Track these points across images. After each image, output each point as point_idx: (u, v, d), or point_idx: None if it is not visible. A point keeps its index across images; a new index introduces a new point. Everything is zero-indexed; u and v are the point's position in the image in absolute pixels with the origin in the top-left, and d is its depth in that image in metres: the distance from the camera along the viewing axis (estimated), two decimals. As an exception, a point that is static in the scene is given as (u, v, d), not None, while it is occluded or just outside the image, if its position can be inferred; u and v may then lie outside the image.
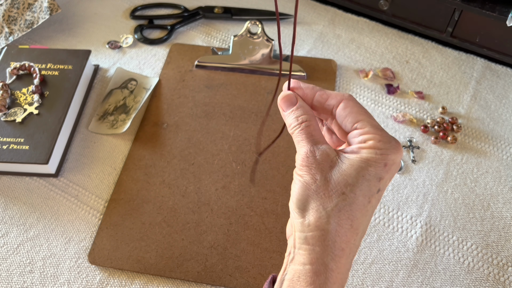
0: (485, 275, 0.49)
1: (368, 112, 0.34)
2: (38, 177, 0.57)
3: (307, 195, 0.33)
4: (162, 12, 0.74)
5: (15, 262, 0.51)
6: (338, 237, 0.32)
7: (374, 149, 0.32)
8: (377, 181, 0.32)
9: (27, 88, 0.61)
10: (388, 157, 0.32)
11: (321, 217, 0.32)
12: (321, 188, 0.32)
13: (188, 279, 0.49)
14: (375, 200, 0.33)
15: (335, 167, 0.33)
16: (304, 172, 0.33)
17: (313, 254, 0.32)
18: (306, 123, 0.34)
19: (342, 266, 0.32)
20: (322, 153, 0.33)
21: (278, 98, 0.36)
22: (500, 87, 0.64)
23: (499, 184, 0.55)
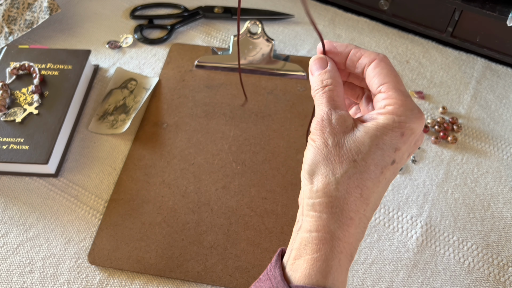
0: (486, 275, 0.49)
1: (397, 76, 0.32)
2: (38, 177, 0.57)
3: (317, 160, 0.32)
4: (162, 12, 0.74)
5: (15, 262, 0.51)
6: (347, 205, 0.31)
7: (392, 115, 0.31)
8: (392, 151, 0.31)
9: (27, 88, 0.61)
10: (406, 126, 0.31)
11: (330, 183, 0.31)
12: (332, 154, 0.31)
13: (188, 279, 0.49)
14: (388, 172, 0.32)
15: (349, 133, 0.31)
16: (317, 136, 0.32)
17: (320, 221, 0.31)
18: (330, 87, 0.33)
19: (350, 236, 0.31)
20: (339, 117, 0.32)
21: (311, 60, 0.35)
22: (501, 87, 0.64)
23: (499, 184, 0.55)
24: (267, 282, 0.32)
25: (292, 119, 0.60)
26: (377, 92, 0.33)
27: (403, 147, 0.31)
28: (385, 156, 0.31)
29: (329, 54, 0.35)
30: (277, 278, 0.32)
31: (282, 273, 0.32)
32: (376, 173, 0.31)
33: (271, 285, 0.32)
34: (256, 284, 0.34)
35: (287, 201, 0.54)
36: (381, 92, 0.32)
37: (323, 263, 0.30)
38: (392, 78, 0.32)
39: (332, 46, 0.35)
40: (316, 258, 0.31)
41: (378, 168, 0.31)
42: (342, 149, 0.31)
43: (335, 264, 0.31)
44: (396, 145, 0.31)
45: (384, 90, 0.32)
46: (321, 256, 0.30)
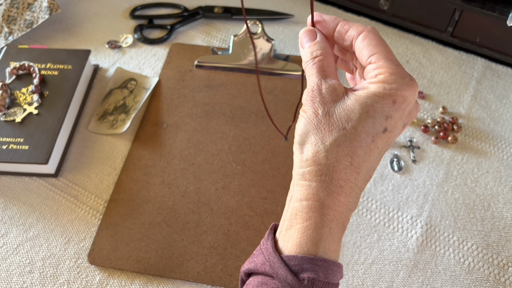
0: (486, 275, 0.49)
1: (386, 46, 0.32)
2: (38, 177, 0.57)
3: (308, 130, 0.32)
4: (162, 11, 0.74)
5: (15, 262, 0.51)
6: (336, 173, 0.31)
7: (383, 83, 0.30)
8: (383, 119, 0.31)
9: (27, 88, 0.61)
10: (397, 93, 0.30)
11: (319, 151, 0.31)
12: (322, 123, 0.31)
13: (188, 279, 0.49)
14: (380, 141, 0.31)
15: (339, 102, 0.31)
16: (308, 106, 0.32)
17: (309, 190, 0.31)
18: (320, 58, 0.33)
19: (340, 204, 0.31)
20: (329, 87, 0.32)
21: (300, 32, 0.35)
22: (501, 87, 0.64)
23: (499, 184, 0.55)
24: (260, 256, 0.32)
25: (292, 119, 0.60)
26: (367, 64, 0.32)
27: (395, 115, 0.31)
28: (376, 124, 0.31)
29: (317, 26, 0.35)
30: (268, 250, 0.32)
31: (274, 245, 0.32)
32: (367, 141, 0.31)
33: (263, 258, 0.32)
34: (249, 260, 0.34)
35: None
36: (371, 62, 0.32)
37: (313, 231, 0.30)
38: (381, 48, 0.32)
39: (321, 18, 0.35)
40: (306, 226, 0.31)
41: (369, 136, 0.31)
42: (332, 117, 0.31)
43: (326, 232, 0.31)
44: (387, 113, 0.31)
45: (374, 60, 0.32)
46: (311, 224, 0.31)
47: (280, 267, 0.30)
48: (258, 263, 0.32)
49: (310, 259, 0.30)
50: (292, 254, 0.31)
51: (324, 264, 0.30)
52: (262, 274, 0.32)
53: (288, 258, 0.30)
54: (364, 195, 0.55)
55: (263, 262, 0.32)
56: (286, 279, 0.30)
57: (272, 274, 0.31)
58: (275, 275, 0.30)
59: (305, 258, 0.30)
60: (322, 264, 0.30)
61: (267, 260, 0.31)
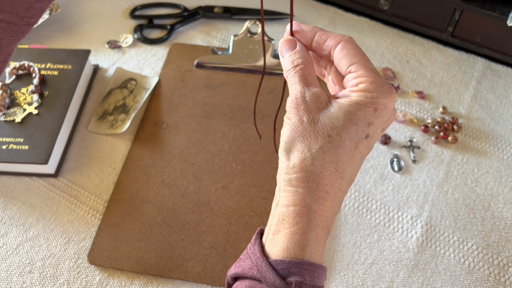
0: (486, 276, 0.49)
1: (364, 55, 0.33)
2: (38, 177, 0.57)
3: (293, 137, 0.32)
4: (162, 11, 0.74)
5: (15, 262, 0.51)
6: (322, 179, 0.32)
7: (364, 92, 0.32)
8: (365, 126, 0.32)
9: (27, 88, 0.61)
10: (378, 101, 0.32)
11: (306, 158, 0.32)
12: (307, 130, 0.32)
13: (188, 280, 0.49)
14: (363, 146, 0.33)
15: (324, 110, 0.32)
16: (292, 114, 0.33)
17: (297, 196, 0.32)
18: (301, 66, 0.34)
19: (326, 209, 0.32)
20: (313, 95, 0.33)
21: (279, 42, 0.36)
22: (501, 87, 0.64)
23: (499, 184, 0.55)
24: (247, 261, 0.33)
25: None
26: (347, 73, 0.33)
27: (376, 121, 0.32)
28: (359, 131, 0.32)
29: (296, 35, 0.36)
30: (256, 254, 0.32)
31: (262, 249, 0.33)
32: (350, 148, 0.32)
33: (251, 263, 0.33)
34: (236, 264, 0.34)
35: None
36: (351, 72, 0.33)
37: (300, 236, 0.31)
38: (360, 57, 0.33)
39: (299, 28, 0.36)
40: (293, 231, 0.31)
41: (353, 142, 0.32)
42: (317, 125, 0.32)
43: (312, 236, 0.32)
44: (369, 120, 0.32)
45: (354, 69, 0.33)
46: (298, 229, 0.31)
47: (268, 271, 0.31)
48: (246, 268, 0.33)
49: (297, 263, 0.31)
50: (279, 258, 0.31)
51: (311, 267, 0.31)
52: (250, 279, 0.33)
53: (276, 262, 0.31)
54: (364, 195, 0.55)
55: (250, 267, 0.32)
56: (274, 283, 0.30)
57: (260, 278, 0.31)
58: (263, 279, 0.31)
59: (292, 262, 0.31)
60: (309, 268, 0.31)
61: (255, 264, 0.32)
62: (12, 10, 0.32)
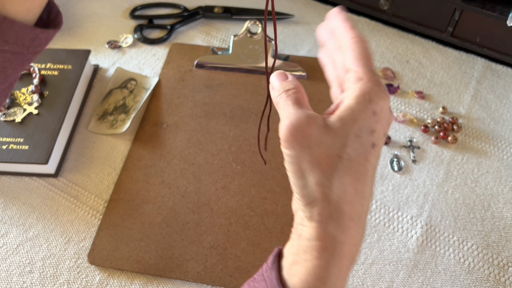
0: (486, 276, 0.49)
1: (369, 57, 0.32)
2: (38, 177, 0.57)
3: (303, 170, 0.30)
4: (162, 11, 0.74)
5: (15, 262, 0.51)
6: (346, 204, 0.29)
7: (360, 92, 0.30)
8: (369, 134, 0.30)
9: (27, 88, 0.61)
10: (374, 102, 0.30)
11: (325, 188, 0.29)
12: (315, 157, 0.29)
13: (188, 280, 0.49)
14: (372, 157, 0.31)
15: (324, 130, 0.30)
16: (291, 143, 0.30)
17: (320, 229, 0.30)
18: (294, 90, 0.32)
19: (352, 237, 0.30)
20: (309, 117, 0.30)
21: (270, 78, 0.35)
22: (501, 87, 0.64)
23: (499, 184, 0.55)
24: (262, 283, 0.31)
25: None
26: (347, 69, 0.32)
27: (378, 127, 0.31)
28: (365, 142, 0.30)
29: None
30: (272, 281, 0.31)
31: (279, 276, 0.31)
32: (361, 162, 0.30)
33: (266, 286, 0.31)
34: (250, 284, 0.33)
35: (287, 201, 0.54)
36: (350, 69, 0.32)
37: (322, 271, 0.29)
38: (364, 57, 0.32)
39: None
40: (315, 265, 0.30)
41: (362, 156, 0.30)
42: (322, 147, 0.29)
43: (335, 270, 0.30)
44: (371, 127, 0.30)
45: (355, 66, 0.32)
46: (321, 264, 0.29)
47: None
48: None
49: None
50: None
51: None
52: None
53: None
54: (364, 195, 0.55)
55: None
56: None
57: None
58: None
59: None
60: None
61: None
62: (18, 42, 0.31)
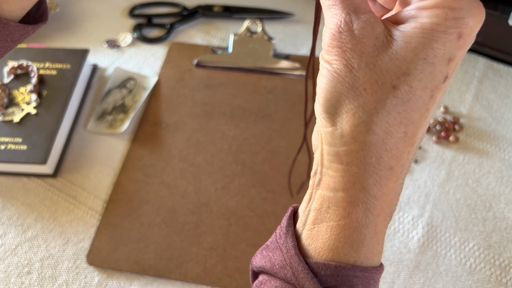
0: (487, 276, 0.49)
1: None
2: (36, 177, 0.57)
3: (339, 92, 0.23)
4: (161, 10, 0.74)
5: (13, 263, 0.51)
6: (386, 151, 0.23)
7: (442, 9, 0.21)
8: (445, 63, 0.22)
9: (25, 88, 0.61)
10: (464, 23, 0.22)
11: (361, 124, 0.23)
12: (360, 81, 0.22)
13: (188, 281, 0.49)
14: (439, 93, 0.23)
15: (383, 48, 0.22)
16: (335, 56, 0.23)
17: (348, 177, 0.23)
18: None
19: (389, 192, 0.24)
20: (364, 25, 0.22)
21: None
22: (502, 86, 0.63)
23: (501, 184, 0.55)
24: (277, 253, 0.25)
25: (292, 119, 0.59)
26: None
27: (459, 54, 0.22)
28: (437, 73, 0.22)
29: None
30: (290, 251, 0.24)
31: (296, 244, 0.25)
32: (424, 99, 0.23)
33: (282, 259, 0.25)
34: (263, 253, 0.27)
35: (288, 201, 0.53)
36: None
37: (353, 232, 0.23)
38: None
39: None
40: (343, 225, 0.23)
41: (427, 91, 0.22)
42: (375, 72, 0.22)
43: (370, 232, 0.24)
44: (450, 54, 0.22)
45: None
46: (350, 223, 0.23)
47: (307, 278, 0.23)
48: (276, 264, 0.25)
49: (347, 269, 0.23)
50: (322, 260, 0.24)
51: (365, 274, 0.24)
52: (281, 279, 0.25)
53: (318, 266, 0.24)
54: (365, 196, 0.54)
55: (282, 265, 0.25)
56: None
57: (295, 284, 0.24)
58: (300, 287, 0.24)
59: (341, 268, 0.23)
60: (363, 275, 0.24)
61: (288, 264, 0.24)
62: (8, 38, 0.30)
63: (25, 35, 0.32)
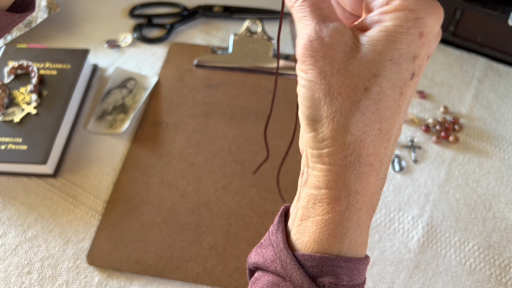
0: (487, 276, 0.49)
1: None
2: (36, 177, 0.57)
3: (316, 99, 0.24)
4: (161, 10, 0.74)
5: (13, 263, 0.51)
6: (363, 149, 0.24)
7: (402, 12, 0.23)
8: (410, 61, 0.24)
9: (25, 88, 0.61)
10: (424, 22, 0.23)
11: (339, 127, 0.24)
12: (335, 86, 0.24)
13: (188, 281, 0.49)
14: (409, 90, 0.25)
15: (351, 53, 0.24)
16: (309, 65, 0.24)
17: (331, 175, 0.25)
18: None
19: (370, 186, 0.25)
20: (333, 32, 0.23)
21: None
22: (502, 86, 0.63)
23: (501, 184, 0.55)
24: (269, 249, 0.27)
25: (292, 119, 0.59)
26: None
27: (422, 51, 0.24)
28: (403, 71, 0.24)
29: None
30: (279, 246, 0.26)
31: (286, 239, 0.27)
32: (394, 97, 0.24)
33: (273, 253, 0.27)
34: (257, 250, 0.29)
35: (288, 201, 0.53)
36: None
37: (337, 225, 0.25)
38: None
39: None
40: (328, 219, 0.25)
41: (397, 89, 0.24)
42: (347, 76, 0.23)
43: (353, 224, 0.25)
44: (414, 52, 0.24)
45: None
46: (334, 217, 0.25)
47: (294, 269, 0.25)
48: (268, 259, 0.27)
49: (331, 260, 0.25)
50: (309, 252, 0.25)
51: (349, 264, 0.25)
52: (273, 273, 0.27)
53: (304, 257, 0.25)
54: (365, 196, 0.54)
55: (273, 259, 0.26)
56: (302, 285, 0.25)
57: (285, 276, 0.26)
58: (288, 279, 0.25)
59: (325, 258, 0.25)
60: (346, 265, 0.25)
61: (278, 257, 0.26)
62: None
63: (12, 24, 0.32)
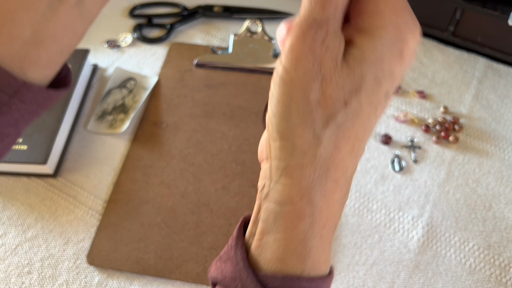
0: (487, 276, 0.49)
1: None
2: (36, 177, 0.57)
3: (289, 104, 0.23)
4: (161, 10, 0.74)
5: (13, 263, 0.51)
6: (334, 165, 0.23)
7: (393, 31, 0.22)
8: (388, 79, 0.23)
9: (25, 88, 0.61)
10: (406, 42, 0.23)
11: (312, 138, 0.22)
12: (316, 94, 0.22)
13: (188, 281, 0.49)
14: (381, 108, 0.24)
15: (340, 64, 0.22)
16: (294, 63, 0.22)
17: (296, 191, 0.23)
18: None
19: (334, 203, 0.24)
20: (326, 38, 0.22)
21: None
22: (502, 86, 0.63)
23: (501, 184, 0.55)
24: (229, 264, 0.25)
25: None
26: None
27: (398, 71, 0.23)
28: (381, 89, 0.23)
29: None
30: (239, 264, 0.24)
31: (246, 256, 0.25)
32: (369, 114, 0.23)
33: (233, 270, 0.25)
34: (217, 264, 0.27)
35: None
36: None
37: (299, 244, 0.24)
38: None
39: None
40: (290, 237, 0.24)
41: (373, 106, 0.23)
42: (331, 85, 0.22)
43: (316, 243, 0.24)
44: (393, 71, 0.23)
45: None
46: (297, 236, 0.23)
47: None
48: (227, 276, 0.25)
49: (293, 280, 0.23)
50: (270, 272, 0.24)
51: (311, 285, 0.24)
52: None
53: (266, 278, 0.24)
54: (365, 196, 0.54)
55: (233, 277, 0.25)
56: None
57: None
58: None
59: (287, 279, 0.23)
60: (309, 286, 0.24)
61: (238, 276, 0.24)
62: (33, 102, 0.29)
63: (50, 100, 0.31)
